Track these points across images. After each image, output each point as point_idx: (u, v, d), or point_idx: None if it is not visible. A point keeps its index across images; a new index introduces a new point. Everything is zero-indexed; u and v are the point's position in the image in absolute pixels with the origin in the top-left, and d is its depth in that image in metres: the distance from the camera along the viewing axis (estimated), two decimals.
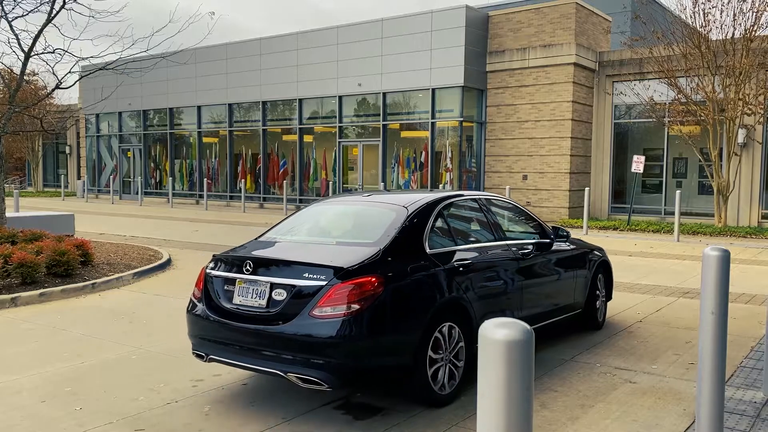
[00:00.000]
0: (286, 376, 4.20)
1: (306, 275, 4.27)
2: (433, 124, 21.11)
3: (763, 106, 16.91)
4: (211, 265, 4.85)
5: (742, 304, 8.10)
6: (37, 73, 33.12)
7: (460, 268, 4.90)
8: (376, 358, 4.26)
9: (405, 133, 22.46)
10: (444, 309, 4.66)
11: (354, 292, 4.14)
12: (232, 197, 26.75)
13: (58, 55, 11.26)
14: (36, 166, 38.11)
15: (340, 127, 23.31)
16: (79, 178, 34.90)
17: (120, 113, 30.42)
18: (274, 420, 4.35)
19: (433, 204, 5.15)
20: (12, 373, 5.31)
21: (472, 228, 5.66)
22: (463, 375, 4.81)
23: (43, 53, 11.31)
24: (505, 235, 5.82)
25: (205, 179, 26.64)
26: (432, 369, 4.52)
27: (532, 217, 6.45)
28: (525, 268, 5.67)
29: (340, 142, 23.36)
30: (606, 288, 7.08)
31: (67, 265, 8.90)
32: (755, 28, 16.38)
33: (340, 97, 23.11)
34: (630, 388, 5.02)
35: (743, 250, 13.40)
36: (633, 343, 6.32)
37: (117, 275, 9.40)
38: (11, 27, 11.05)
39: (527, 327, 1.81)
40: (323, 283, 4.19)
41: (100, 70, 11.69)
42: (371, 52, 21.99)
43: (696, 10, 17.09)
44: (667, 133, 19.50)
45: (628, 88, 19.78)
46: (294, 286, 4.27)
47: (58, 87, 11.71)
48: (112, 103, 26.13)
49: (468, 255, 5.10)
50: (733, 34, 16.61)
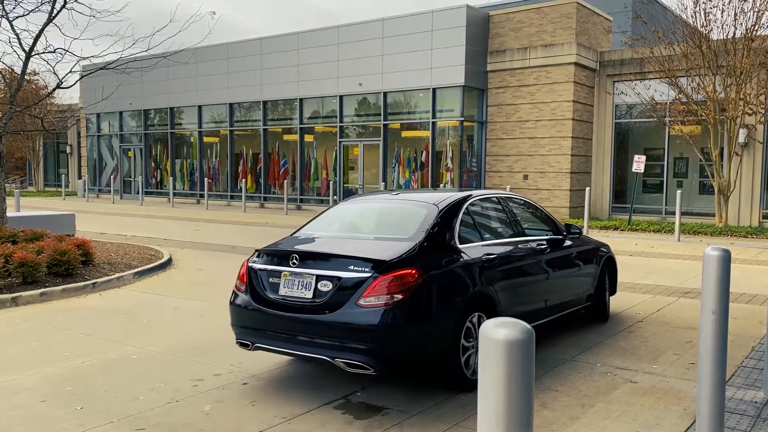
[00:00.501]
0: (333, 362, 4.49)
1: (351, 268, 4.56)
2: (433, 123, 21.10)
3: (764, 106, 16.90)
4: (254, 258, 5.11)
5: (743, 303, 8.09)
6: (38, 73, 33.11)
7: (487, 262, 5.20)
8: (415, 345, 4.57)
9: (406, 133, 22.45)
10: (474, 300, 4.96)
11: (396, 283, 4.45)
12: (232, 197, 26.75)
13: (59, 55, 11.27)
14: (37, 165, 38.12)
15: (341, 126, 23.30)
16: (79, 177, 34.91)
17: (121, 113, 30.43)
18: (274, 419, 4.35)
19: (461, 201, 5.47)
20: (12, 372, 5.31)
21: (495, 224, 5.96)
22: None
23: (44, 53, 11.32)
24: (524, 231, 6.13)
25: (205, 179, 26.65)
26: (464, 356, 4.83)
27: (545, 214, 6.76)
28: (543, 262, 6.01)
29: (340, 142, 23.36)
30: (611, 282, 7.38)
31: (68, 265, 8.91)
32: (756, 28, 16.37)
33: (341, 97, 23.11)
34: (630, 387, 5.02)
35: (744, 250, 13.40)
36: (634, 342, 6.32)
37: (118, 275, 9.41)
38: (12, 26, 11.05)
39: (528, 326, 1.81)
40: (368, 275, 4.49)
41: (101, 69, 11.70)
42: (372, 51, 21.99)
43: (697, 9, 17.09)
44: (668, 132, 19.48)
45: (629, 87, 19.77)
46: (340, 278, 4.57)
47: (59, 86, 11.72)
48: (113, 102, 26.12)
49: (493, 249, 5.41)
50: (734, 34, 16.61)
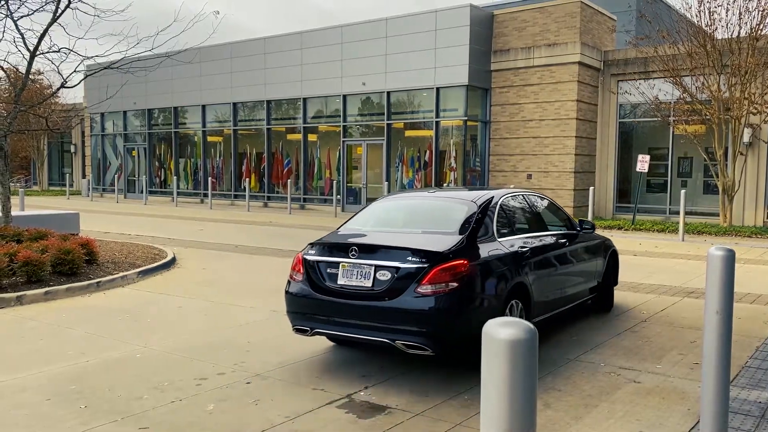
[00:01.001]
0: (393, 344, 4.90)
1: (409, 259, 4.95)
2: (437, 123, 21.09)
3: None
4: (309, 251, 5.47)
5: (747, 303, 8.07)
6: (43, 72, 33.30)
7: (522, 254, 5.69)
8: (467, 328, 4.90)
9: (409, 132, 22.44)
10: (514, 287, 5.42)
11: (451, 272, 4.87)
12: (236, 196, 26.78)
13: (63, 54, 11.30)
14: (41, 165, 38.23)
15: (345, 126, 23.30)
16: (84, 177, 34.99)
17: (125, 112, 30.49)
18: (278, 418, 4.36)
19: (496, 198, 5.96)
20: (17, 371, 5.33)
21: (523, 219, 6.43)
22: None
23: (48, 52, 11.35)
24: (546, 225, 6.66)
25: (209, 178, 26.69)
26: None
27: (561, 210, 7.30)
28: (564, 254, 6.54)
29: (344, 141, 23.36)
30: (614, 274, 7.84)
31: (72, 264, 8.93)
32: (761, 27, 16.31)
33: (345, 96, 23.11)
34: (634, 387, 5.01)
35: (748, 249, 13.36)
36: (637, 342, 6.30)
37: (122, 274, 9.42)
38: (17, 26, 11.09)
39: (531, 326, 1.81)
40: (425, 265, 4.88)
41: (105, 69, 11.72)
42: (375, 51, 21.98)
43: (701, 9, 17.04)
44: (672, 132, 19.43)
45: (633, 87, 19.72)
46: (399, 268, 4.95)
47: (63, 86, 11.75)
48: (117, 102, 26.13)
49: (525, 242, 5.91)
50: (738, 33, 16.55)
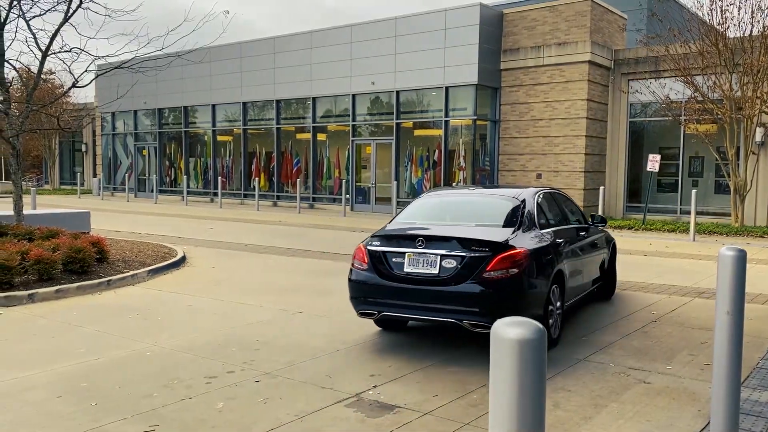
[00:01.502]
0: (461, 323, 5.48)
1: (473, 248, 5.51)
2: (446, 122, 21.06)
3: None
4: (374, 242, 5.95)
5: (759, 304, 8.01)
6: (54, 72, 33.50)
7: (558, 243, 6.32)
8: (525, 309, 5.52)
9: (418, 132, 22.42)
10: (555, 273, 6.05)
11: (511, 260, 5.45)
12: (246, 195, 26.86)
13: (75, 54, 11.36)
14: (52, 164, 38.51)
15: (354, 125, 23.32)
16: (94, 176, 35.21)
17: (135, 112, 30.65)
18: (286, 417, 4.37)
19: (533, 195, 6.57)
20: (28, 368, 5.37)
21: (553, 213, 6.97)
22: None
23: (59, 52, 11.42)
24: (569, 219, 7.30)
25: (219, 177, 26.79)
26: (550, 319, 5.94)
27: (576, 205, 7.96)
28: (585, 245, 7.22)
29: (353, 141, 23.37)
30: (614, 263, 8.54)
31: (82, 262, 8.99)
32: None
33: (354, 96, 23.12)
34: (644, 388, 4.98)
35: (760, 250, 13.25)
36: (647, 343, 6.27)
37: (132, 272, 9.48)
38: (29, 26, 11.17)
39: (539, 326, 1.80)
40: (488, 254, 5.46)
41: (116, 68, 11.78)
42: (385, 50, 21.98)
43: (713, 7, 16.91)
44: (683, 131, 19.30)
45: (643, 86, 19.60)
46: (464, 257, 5.49)
47: (74, 85, 11.82)
48: (128, 101, 26.31)
49: (559, 234, 6.54)
50: (751, 32, 16.41)
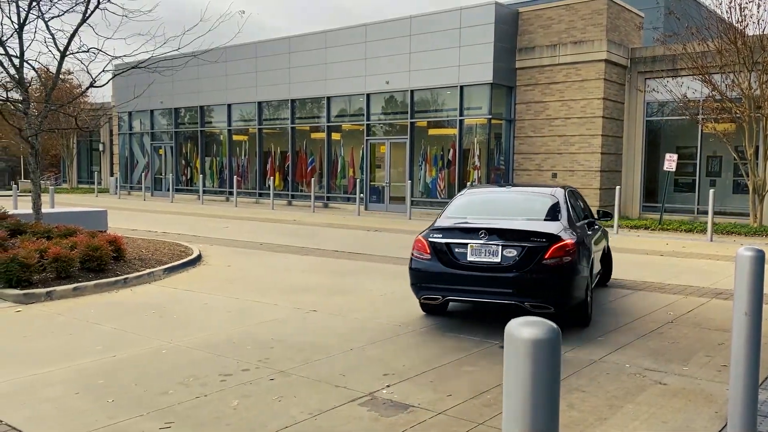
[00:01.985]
0: (522, 305, 6.26)
1: (532, 239, 6.27)
2: (461, 121, 21.01)
3: None
4: (436, 235, 6.63)
5: None
6: (72, 72, 33.85)
7: (588, 234, 7.19)
8: (576, 291, 6.42)
9: (433, 131, 22.39)
10: (590, 261, 6.92)
11: (565, 249, 6.24)
12: (261, 194, 26.98)
13: (92, 54, 11.47)
14: (70, 163, 38.93)
15: (368, 124, 23.33)
16: (111, 175, 35.55)
17: (152, 111, 30.90)
18: (301, 415, 4.38)
19: (564, 192, 7.48)
20: (47, 365, 5.44)
21: (577, 209, 7.68)
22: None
23: (77, 52, 11.55)
24: (586, 214, 8.10)
25: (234, 177, 26.93)
26: (588, 298, 6.79)
27: (585, 201, 8.78)
28: (597, 236, 8.03)
29: (367, 140, 23.39)
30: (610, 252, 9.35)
31: (100, 260, 9.07)
32: None
33: (368, 95, 23.13)
34: (660, 389, 4.94)
35: None
36: (663, 344, 6.22)
37: (148, 270, 9.56)
38: (47, 27, 11.30)
39: (553, 326, 1.80)
40: (545, 244, 6.22)
41: (133, 68, 11.88)
42: (399, 49, 21.96)
43: (732, 5, 16.71)
44: (701, 130, 19.09)
45: (660, 85, 19.42)
46: (524, 247, 6.24)
47: (92, 85, 11.95)
48: (144, 101, 26.54)
49: (584, 227, 7.36)
50: None
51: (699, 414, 4.44)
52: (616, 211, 16.58)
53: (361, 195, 22.91)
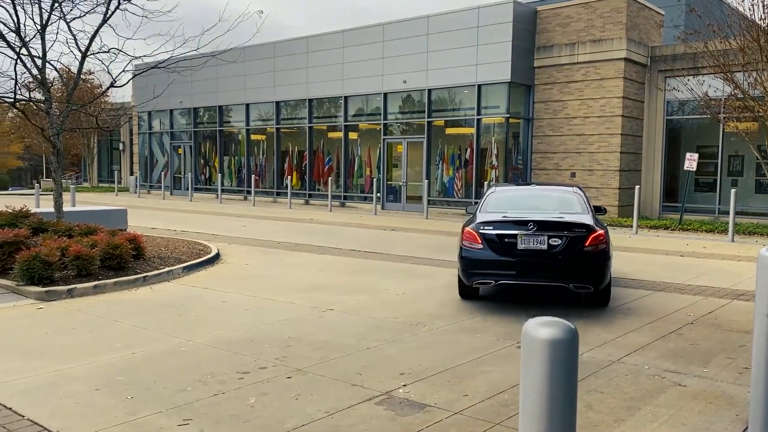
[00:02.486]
0: (567, 286, 7.22)
1: (574, 230, 7.25)
2: (478, 120, 20.93)
3: None
4: (487, 227, 7.40)
5: None
6: (93, 72, 34.29)
7: (605, 226, 7.83)
8: (608, 274, 7.40)
9: (450, 130, 22.33)
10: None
11: (600, 238, 7.25)
12: (278, 193, 27.11)
13: (113, 55, 11.59)
14: (91, 162, 39.40)
15: (385, 124, 23.33)
16: (131, 174, 35.93)
17: (171, 111, 31.17)
18: (317, 414, 4.40)
19: (581, 190, 8.60)
20: (68, 361, 5.52)
21: (590, 204, 8.48)
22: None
23: (98, 53, 11.67)
24: (595, 209, 8.89)
25: (252, 176, 27.07)
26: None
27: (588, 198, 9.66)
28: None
29: (384, 139, 23.39)
30: None
31: (120, 259, 9.18)
32: None
33: (385, 95, 23.13)
34: (679, 391, 4.89)
35: None
36: (683, 345, 6.15)
37: (167, 269, 9.64)
38: (69, 28, 11.43)
39: (571, 326, 1.79)
40: (584, 233, 7.22)
41: (152, 68, 11.99)
42: (416, 48, 21.93)
43: (755, 1, 16.44)
44: (722, 129, 18.84)
45: (681, 83, 19.19)
46: (567, 236, 7.20)
47: (112, 85, 12.08)
48: (164, 101, 26.75)
49: (601, 219, 8.28)
50: None
51: (719, 417, 4.38)
52: (636, 211, 16.42)
53: (378, 194, 22.92)
